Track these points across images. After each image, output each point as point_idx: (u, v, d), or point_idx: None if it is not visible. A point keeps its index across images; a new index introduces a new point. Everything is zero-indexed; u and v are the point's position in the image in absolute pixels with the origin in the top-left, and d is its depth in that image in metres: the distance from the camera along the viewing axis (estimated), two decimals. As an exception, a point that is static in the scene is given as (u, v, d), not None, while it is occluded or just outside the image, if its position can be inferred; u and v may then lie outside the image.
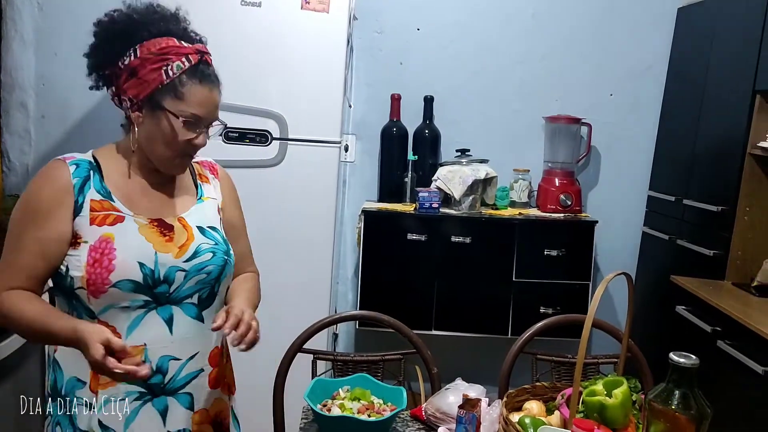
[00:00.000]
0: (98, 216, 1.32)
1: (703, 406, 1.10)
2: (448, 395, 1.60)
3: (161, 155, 1.36)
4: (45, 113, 3.18)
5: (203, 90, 1.34)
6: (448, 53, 3.23)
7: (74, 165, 1.34)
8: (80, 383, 1.34)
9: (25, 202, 1.33)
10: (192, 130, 1.35)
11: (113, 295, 1.31)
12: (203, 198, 1.49)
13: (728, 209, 2.48)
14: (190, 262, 1.38)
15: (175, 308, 1.38)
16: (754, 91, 2.41)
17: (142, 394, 1.36)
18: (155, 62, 1.32)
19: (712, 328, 2.23)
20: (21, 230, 1.31)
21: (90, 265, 1.29)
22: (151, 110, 1.34)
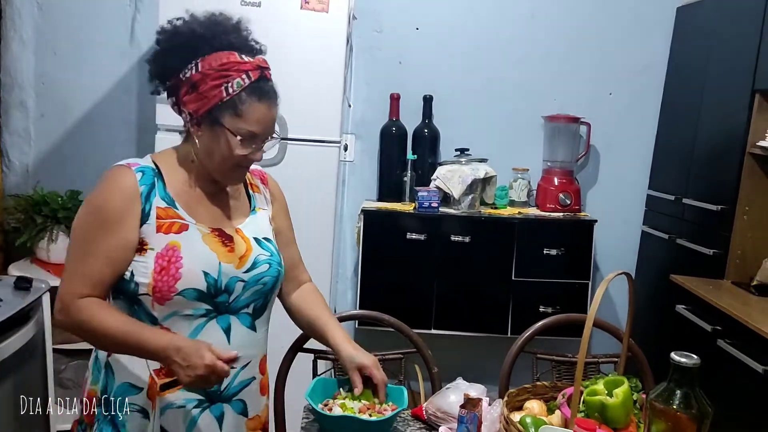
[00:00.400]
0: (164, 224, 1.33)
1: (705, 406, 1.10)
2: (449, 395, 1.60)
3: (218, 168, 1.38)
4: (44, 112, 3.18)
5: (261, 107, 1.34)
6: (447, 52, 3.23)
7: (140, 172, 1.34)
8: (134, 389, 1.34)
9: (94, 208, 1.32)
10: (249, 147, 1.35)
11: (177, 303, 1.32)
12: (256, 209, 1.51)
13: (728, 208, 2.48)
14: (249, 273, 1.41)
15: (232, 318, 1.40)
16: (753, 90, 2.42)
17: (201, 401, 1.38)
18: (216, 78, 1.32)
19: (712, 327, 2.23)
20: (89, 237, 1.31)
21: (157, 272, 1.30)
22: (209, 125, 1.34)
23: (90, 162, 3.19)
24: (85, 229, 1.32)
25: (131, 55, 3.16)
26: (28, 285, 2.11)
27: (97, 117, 3.19)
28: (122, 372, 1.35)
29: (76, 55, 3.15)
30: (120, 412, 1.33)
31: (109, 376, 1.35)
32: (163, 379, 1.33)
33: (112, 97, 3.19)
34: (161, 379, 1.33)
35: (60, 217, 2.89)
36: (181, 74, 1.34)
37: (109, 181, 1.33)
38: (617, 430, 1.39)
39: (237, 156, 1.35)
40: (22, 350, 1.98)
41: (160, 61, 1.37)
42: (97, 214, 1.31)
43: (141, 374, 1.34)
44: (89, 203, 1.34)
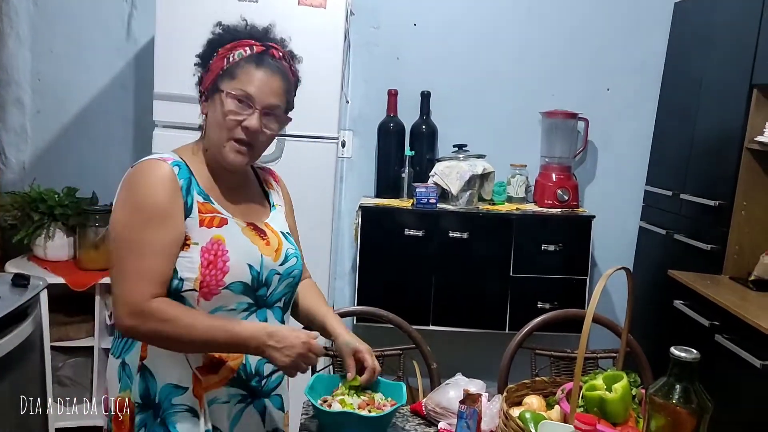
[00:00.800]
0: (206, 218, 1.32)
1: (704, 400, 1.10)
2: (448, 390, 1.60)
3: (216, 140, 1.35)
4: (41, 109, 3.17)
5: (258, 72, 1.34)
6: (444, 48, 3.23)
7: (176, 166, 1.32)
8: (179, 389, 1.32)
9: (139, 205, 1.28)
10: (242, 111, 1.33)
11: (224, 297, 1.32)
12: (275, 205, 1.52)
13: (725, 204, 2.48)
14: (283, 266, 1.42)
15: (268, 312, 1.41)
16: (751, 85, 2.42)
17: (244, 397, 1.39)
18: (222, 54, 1.35)
19: (709, 322, 2.24)
20: (142, 235, 1.26)
21: (204, 267, 1.29)
22: (212, 97, 1.36)
23: (87, 159, 3.19)
24: (135, 228, 1.27)
25: (128, 52, 3.15)
26: (26, 282, 2.11)
27: (93, 114, 3.18)
28: (163, 374, 1.32)
29: (73, 52, 3.13)
30: (167, 415, 1.31)
31: (149, 379, 1.32)
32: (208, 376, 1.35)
33: (108, 93, 3.18)
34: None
35: (57, 214, 2.89)
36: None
37: (148, 176, 1.29)
38: (616, 425, 1.39)
39: (229, 120, 1.32)
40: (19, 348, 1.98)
41: (199, 70, 1.41)
42: (145, 211, 1.27)
43: (183, 374, 1.32)
44: (131, 201, 1.29)
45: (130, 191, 1.30)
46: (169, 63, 2.54)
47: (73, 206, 2.92)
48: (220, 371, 1.36)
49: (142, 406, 1.33)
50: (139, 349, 1.33)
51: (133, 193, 1.29)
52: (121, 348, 1.37)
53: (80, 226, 2.90)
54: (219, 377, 1.36)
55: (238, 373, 1.38)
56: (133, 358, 1.34)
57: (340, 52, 2.66)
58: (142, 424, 1.32)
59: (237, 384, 1.38)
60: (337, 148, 2.72)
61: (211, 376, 1.34)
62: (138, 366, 1.33)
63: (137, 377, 1.33)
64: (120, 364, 1.36)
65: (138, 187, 1.29)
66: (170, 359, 1.31)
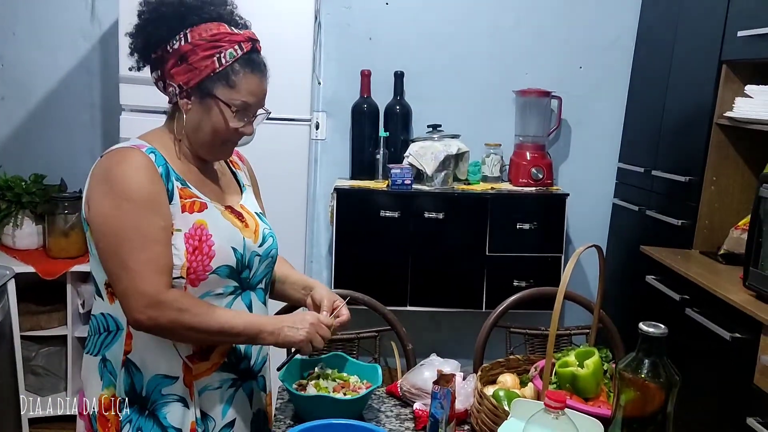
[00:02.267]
0: (187, 203, 1.30)
1: (672, 375, 1.12)
2: (423, 371, 1.61)
3: (206, 142, 1.33)
4: (5, 95, 3.09)
5: (254, 79, 1.32)
6: (417, 28, 3.20)
7: (151, 153, 1.28)
8: (169, 379, 1.30)
9: (127, 193, 1.23)
10: (241, 119, 1.32)
11: (211, 282, 1.30)
12: (245, 185, 1.50)
13: (695, 179, 2.51)
14: (262, 246, 1.41)
15: (252, 294, 1.40)
16: (720, 61, 2.43)
17: (235, 381, 1.39)
18: (207, 49, 1.28)
19: (680, 296, 2.27)
20: (137, 224, 1.22)
21: (190, 252, 1.27)
22: (200, 98, 1.30)
23: (53, 145, 3.13)
24: (129, 219, 1.22)
25: (92, 34, 3.08)
26: (-7, 272, 2.07)
27: (59, 99, 3.11)
28: (150, 366, 1.30)
29: (36, 36, 3.06)
30: (156, 407, 1.30)
31: (134, 373, 1.30)
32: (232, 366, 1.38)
33: (73, 77, 3.11)
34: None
35: (24, 202, 2.83)
36: (167, 46, 1.29)
37: (128, 164, 1.25)
38: (588, 400, 1.41)
39: (231, 129, 1.32)
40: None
41: (144, 33, 1.31)
42: (134, 200, 1.23)
43: (173, 364, 1.30)
44: (116, 192, 1.23)
45: (112, 182, 1.24)
46: (136, 45, 2.48)
47: (41, 194, 2.87)
48: (211, 357, 1.35)
49: (127, 402, 1.30)
50: (122, 344, 1.30)
51: (115, 182, 1.24)
52: (99, 344, 1.33)
53: (49, 214, 2.85)
54: (210, 363, 1.35)
55: (228, 357, 1.37)
56: (116, 353, 1.31)
57: (311, 32, 2.63)
58: (127, 420, 1.30)
59: (228, 368, 1.37)
60: (310, 130, 2.70)
61: (202, 363, 1.34)
62: (122, 361, 1.30)
63: (121, 372, 1.30)
64: (100, 362, 1.33)
65: (120, 177, 1.24)
66: (158, 350, 1.29)
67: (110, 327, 1.32)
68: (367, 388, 1.51)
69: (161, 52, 1.31)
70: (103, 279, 1.31)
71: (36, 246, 2.91)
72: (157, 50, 1.31)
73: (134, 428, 1.30)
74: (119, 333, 1.31)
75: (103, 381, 1.32)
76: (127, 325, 1.29)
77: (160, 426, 1.30)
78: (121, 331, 1.31)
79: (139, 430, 1.30)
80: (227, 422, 1.38)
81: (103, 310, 1.33)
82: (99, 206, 1.25)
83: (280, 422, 1.50)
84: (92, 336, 1.36)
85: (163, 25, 1.29)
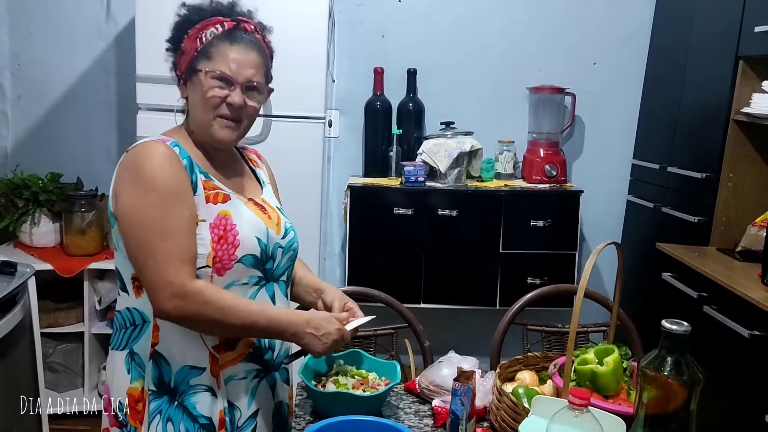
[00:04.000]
0: (211, 194, 1.32)
1: (696, 372, 1.11)
2: (441, 368, 1.61)
3: (202, 120, 1.35)
4: (21, 94, 3.11)
5: (232, 49, 1.33)
6: (430, 25, 3.20)
7: (175, 146, 1.30)
8: (196, 370, 1.32)
9: (153, 184, 1.25)
10: (223, 88, 1.33)
11: (237, 271, 1.32)
12: (264, 182, 1.52)
13: (712, 176, 2.50)
14: (284, 239, 1.43)
15: (275, 285, 1.42)
16: (737, 57, 2.41)
17: (259, 371, 1.41)
18: (194, 34, 1.34)
19: (698, 293, 2.26)
20: (164, 214, 1.24)
21: (215, 242, 1.29)
22: (190, 79, 1.35)
23: (70, 144, 3.15)
24: (155, 209, 1.24)
25: (108, 33, 3.10)
26: (13, 270, 2.08)
27: (75, 97, 3.14)
28: (178, 357, 1.31)
29: (52, 35, 3.08)
30: (185, 398, 1.31)
31: (162, 365, 1.31)
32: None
33: (89, 76, 3.13)
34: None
35: (42, 200, 2.86)
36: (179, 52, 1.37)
37: (154, 156, 1.27)
38: (608, 398, 1.41)
39: (212, 98, 1.32)
40: (9, 336, 1.96)
41: (172, 45, 1.38)
42: (161, 190, 1.25)
43: (199, 354, 1.32)
44: (143, 183, 1.26)
45: (138, 173, 1.27)
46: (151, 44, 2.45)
47: (57, 192, 2.90)
48: (237, 347, 1.37)
49: (156, 393, 1.32)
50: (150, 337, 1.32)
51: (141, 174, 1.26)
52: (126, 339, 1.35)
53: (66, 212, 2.88)
54: (236, 353, 1.36)
55: (254, 347, 1.39)
56: (143, 346, 1.33)
57: (324, 30, 2.63)
58: (156, 411, 1.31)
59: (253, 359, 1.39)
60: (324, 128, 2.71)
61: (228, 353, 1.35)
62: (150, 353, 1.32)
63: (149, 364, 1.32)
64: (127, 355, 1.34)
65: (146, 168, 1.26)
66: (185, 341, 1.31)
67: (136, 321, 1.34)
68: (386, 385, 1.51)
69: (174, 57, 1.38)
70: (129, 273, 1.33)
71: (53, 244, 2.94)
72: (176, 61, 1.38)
73: (164, 419, 1.31)
74: (146, 326, 1.33)
75: (131, 375, 1.34)
76: (154, 318, 1.30)
77: (190, 416, 1.31)
78: (148, 324, 1.32)
79: (169, 420, 1.31)
80: (252, 412, 1.40)
81: (128, 304, 1.35)
82: (127, 198, 1.27)
83: (300, 418, 1.51)
84: (118, 331, 1.37)
85: (175, 33, 1.37)
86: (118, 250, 1.34)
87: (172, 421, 1.31)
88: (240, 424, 1.38)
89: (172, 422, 1.31)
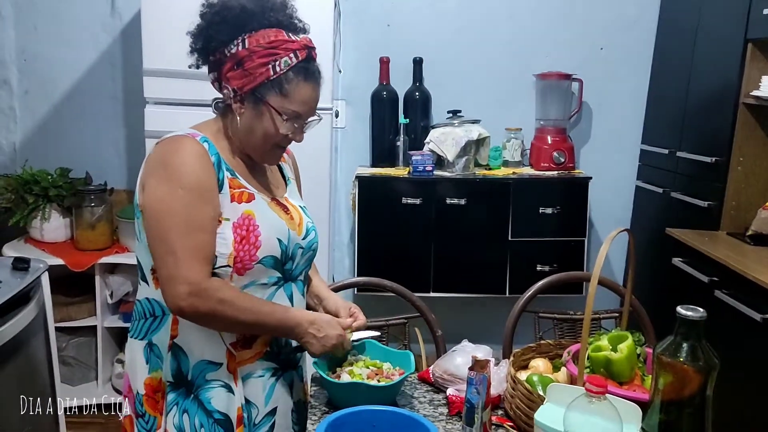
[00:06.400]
0: (236, 193, 1.32)
1: (711, 358, 1.11)
2: (455, 357, 1.61)
3: (257, 146, 1.35)
4: (28, 89, 3.12)
5: (307, 87, 1.32)
6: (435, 13, 3.18)
7: (205, 142, 1.30)
8: (213, 365, 1.34)
9: (181, 180, 1.25)
10: (292, 126, 1.33)
11: (256, 272, 1.33)
12: (289, 179, 1.52)
13: (722, 160, 2.48)
14: (305, 239, 1.44)
15: (293, 285, 1.43)
16: (745, 39, 2.40)
17: (276, 370, 1.42)
18: (263, 56, 1.29)
19: (709, 278, 2.25)
20: (188, 210, 1.24)
21: (238, 242, 1.29)
22: (253, 103, 1.31)
23: (78, 139, 3.16)
24: (180, 205, 1.24)
25: (113, 27, 3.10)
26: (26, 266, 2.10)
27: (82, 92, 3.14)
28: (196, 351, 1.33)
29: (57, 29, 3.08)
30: (201, 392, 1.33)
31: (181, 357, 1.33)
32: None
33: (96, 70, 3.13)
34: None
35: (51, 195, 2.87)
36: (225, 49, 1.31)
37: (183, 151, 1.27)
38: (622, 384, 1.41)
39: (280, 135, 1.33)
40: (24, 331, 1.98)
41: (205, 35, 1.33)
42: (188, 187, 1.25)
43: (217, 350, 1.33)
44: (171, 178, 1.25)
45: (167, 168, 1.27)
46: (158, 38, 2.49)
47: (67, 187, 2.91)
48: (254, 346, 1.38)
49: (174, 385, 1.34)
50: (169, 329, 1.33)
51: (171, 169, 1.26)
52: (146, 329, 1.36)
53: (76, 207, 2.89)
54: (253, 352, 1.38)
55: (270, 346, 1.40)
56: (162, 337, 1.34)
57: (330, 20, 2.62)
58: (174, 402, 1.33)
59: (270, 357, 1.40)
60: (331, 119, 2.70)
61: (245, 351, 1.36)
62: (168, 345, 1.33)
63: (168, 356, 1.33)
64: (146, 345, 1.36)
65: (175, 164, 1.26)
66: (203, 336, 1.32)
67: (156, 312, 1.35)
68: (401, 375, 1.52)
69: (219, 55, 1.32)
70: (149, 264, 1.34)
71: (64, 239, 2.95)
72: (215, 53, 1.33)
73: (180, 410, 1.33)
74: (165, 318, 1.34)
75: (149, 365, 1.36)
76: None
77: (204, 410, 1.33)
78: (167, 316, 1.33)
79: (185, 412, 1.33)
80: (269, 410, 1.41)
81: (148, 295, 1.36)
82: (153, 191, 1.27)
83: (315, 409, 1.52)
84: (137, 321, 1.39)
85: (225, 29, 1.31)
86: (139, 241, 1.35)
87: (188, 413, 1.33)
88: (257, 422, 1.39)
89: (188, 414, 1.33)
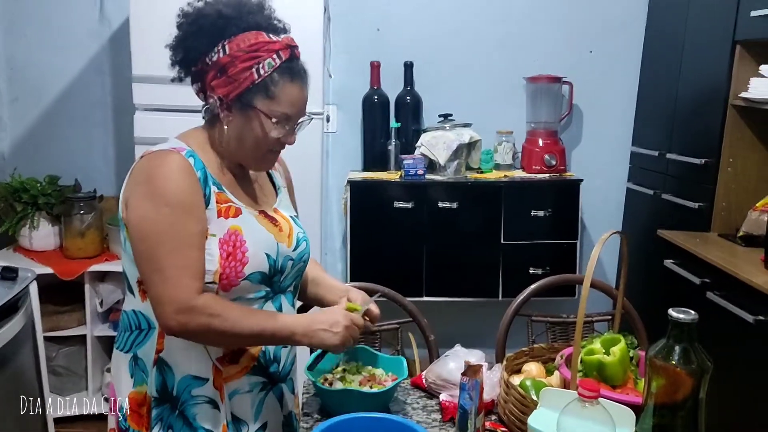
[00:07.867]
0: (222, 208, 1.29)
1: (704, 360, 1.11)
2: (448, 362, 1.60)
3: (249, 154, 1.32)
4: (17, 97, 3.10)
5: (294, 88, 1.29)
6: (425, 17, 3.19)
7: (191, 157, 1.27)
8: (198, 381, 1.30)
9: (166, 196, 1.22)
10: (282, 129, 1.30)
11: (243, 288, 1.30)
12: (280, 187, 1.49)
13: (712, 161, 2.49)
14: (296, 251, 1.40)
15: (282, 297, 1.39)
16: (733, 41, 2.41)
17: (265, 384, 1.39)
18: (246, 60, 1.26)
19: (700, 280, 2.26)
20: (174, 228, 1.22)
21: (224, 258, 1.26)
22: (241, 110, 1.28)
23: (67, 146, 3.13)
24: (166, 222, 1.21)
25: (102, 34, 3.08)
26: (14, 275, 2.08)
27: (71, 100, 3.12)
28: (181, 366, 1.30)
29: (46, 36, 3.06)
30: (186, 407, 1.30)
31: (166, 372, 1.30)
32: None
33: (85, 78, 3.11)
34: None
35: (40, 203, 2.85)
36: (207, 58, 1.28)
37: (168, 167, 1.24)
38: (615, 387, 1.41)
39: (271, 139, 1.30)
40: (13, 341, 1.96)
41: (184, 46, 1.30)
42: (173, 203, 1.22)
43: (203, 365, 1.30)
44: (155, 194, 1.22)
45: (151, 184, 1.24)
46: (147, 44, 2.48)
47: (56, 195, 2.89)
48: (240, 360, 1.34)
49: (158, 400, 1.31)
50: (155, 343, 1.30)
51: (155, 185, 1.23)
52: (131, 342, 1.34)
53: (65, 215, 2.87)
54: (240, 367, 1.34)
55: (258, 360, 1.36)
56: (147, 351, 1.31)
57: (320, 24, 2.61)
58: (158, 418, 1.30)
59: (258, 372, 1.37)
60: (322, 124, 2.70)
61: (231, 366, 1.33)
62: (154, 359, 1.30)
63: (153, 371, 1.30)
64: (131, 359, 1.33)
65: (159, 179, 1.23)
66: (189, 351, 1.29)
67: (141, 325, 1.32)
68: (393, 381, 1.51)
69: (201, 64, 1.30)
70: (135, 276, 1.31)
71: (53, 247, 2.93)
72: (197, 63, 1.30)
73: (165, 426, 1.30)
74: (151, 332, 1.31)
75: (134, 379, 1.33)
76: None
77: (189, 426, 1.30)
78: (153, 330, 1.31)
79: (170, 428, 1.30)
80: (259, 426, 1.39)
81: (134, 307, 1.34)
82: (137, 208, 1.24)
83: (308, 417, 1.51)
84: (123, 332, 1.36)
85: (203, 37, 1.28)
86: (125, 251, 1.32)
87: (172, 429, 1.30)
88: None
89: (172, 430, 1.30)
